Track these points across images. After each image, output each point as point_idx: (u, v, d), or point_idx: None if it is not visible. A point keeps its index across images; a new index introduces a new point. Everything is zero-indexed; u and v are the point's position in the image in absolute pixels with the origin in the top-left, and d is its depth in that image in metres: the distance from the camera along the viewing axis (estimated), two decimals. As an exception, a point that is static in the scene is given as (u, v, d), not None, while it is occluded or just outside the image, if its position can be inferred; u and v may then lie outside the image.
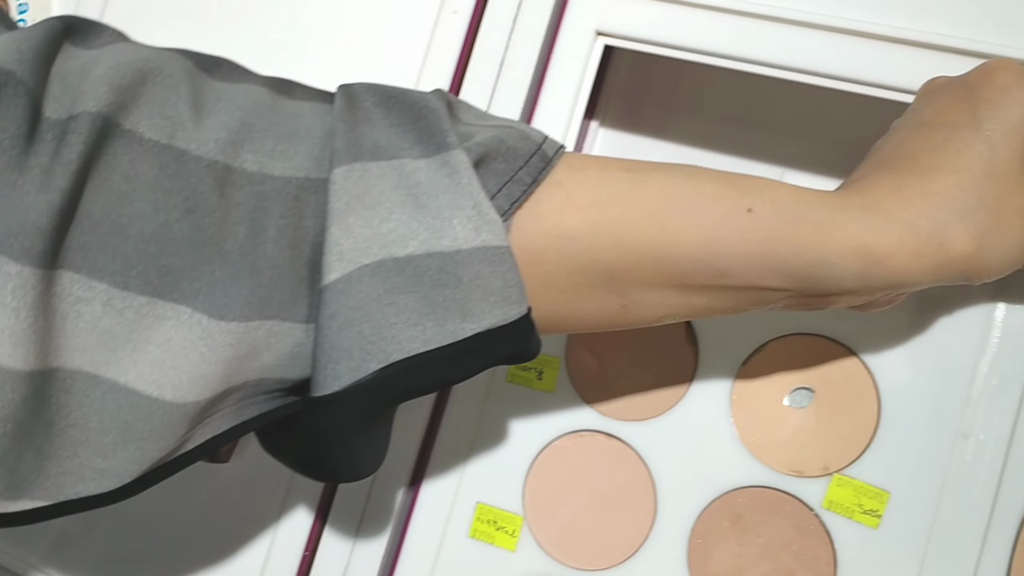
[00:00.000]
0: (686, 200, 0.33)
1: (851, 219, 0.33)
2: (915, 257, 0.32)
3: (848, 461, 0.43)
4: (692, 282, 0.34)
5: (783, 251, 0.32)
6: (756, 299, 0.34)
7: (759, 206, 0.33)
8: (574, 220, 0.33)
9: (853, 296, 0.34)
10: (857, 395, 0.43)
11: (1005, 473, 0.41)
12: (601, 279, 0.34)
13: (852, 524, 0.42)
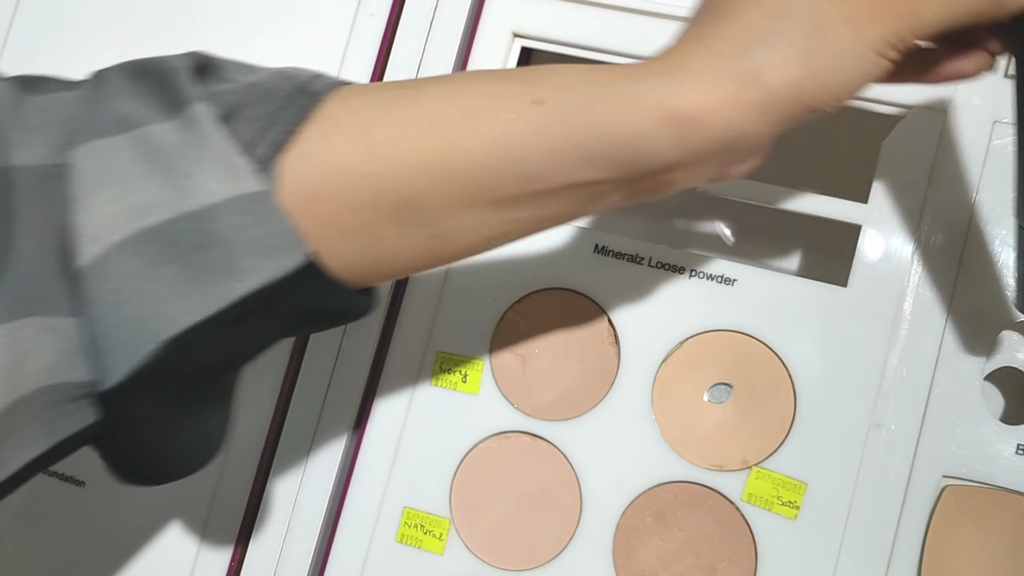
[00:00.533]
0: (467, 105, 0.31)
1: (652, 86, 0.30)
2: (732, 105, 0.30)
3: (766, 454, 0.43)
4: (500, 194, 0.31)
5: (586, 138, 0.30)
6: (581, 197, 0.32)
7: (549, 95, 0.30)
8: (346, 150, 0.30)
9: (688, 168, 0.32)
10: (774, 389, 0.44)
11: (916, 461, 0.42)
12: (397, 210, 0.31)
13: (771, 516, 0.43)
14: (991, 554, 0.41)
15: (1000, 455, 0.41)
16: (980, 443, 0.42)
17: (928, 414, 0.42)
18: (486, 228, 0.32)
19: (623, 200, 0.33)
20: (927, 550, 0.41)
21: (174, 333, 0.28)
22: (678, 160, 0.31)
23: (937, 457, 0.42)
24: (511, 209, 0.32)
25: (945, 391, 0.42)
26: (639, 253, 0.46)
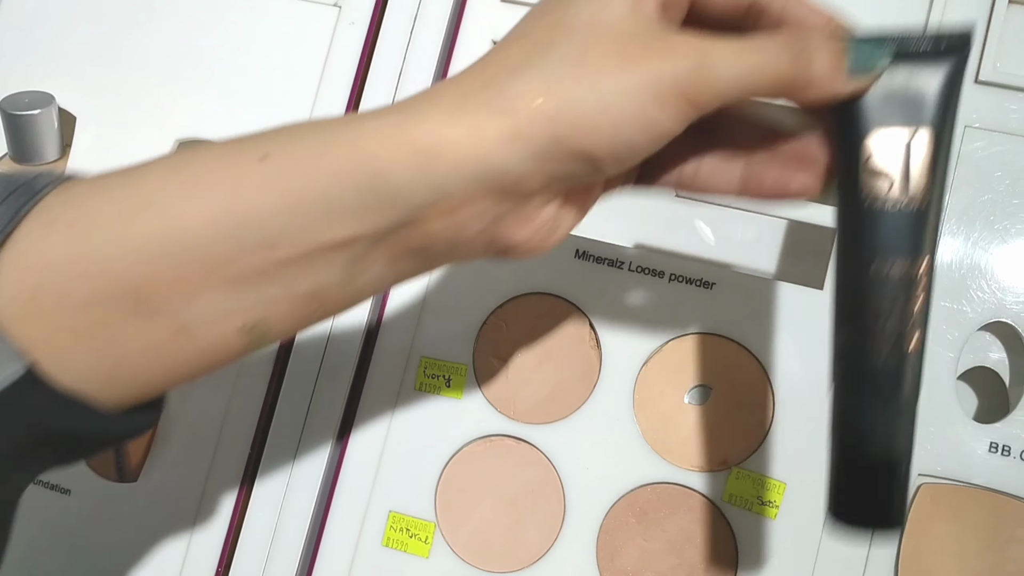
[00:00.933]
0: (190, 175, 0.28)
1: (389, 120, 0.28)
2: (477, 135, 0.27)
3: (746, 455, 0.44)
4: (240, 269, 0.27)
5: (322, 186, 0.27)
6: (338, 264, 0.29)
7: (274, 148, 0.28)
8: (62, 242, 0.27)
9: (449, 215, 0.29)
10: (752, 391, 0.45)
11: (892, 460, 0.43)
12: (127, 303, 0.27)
13: (752, 516, 0.44)
14: (966, 550, 0.42)
15: (974, 453, 0.42)
16: (954, 442, 0.42)
17: (903, 413, 0.43)
18: (236, 314, 0.28)
19: (393, 266, 0.30)
20: (904, 547, 0.42)
21: None
22: (427, 199, 0.28)
23: (913, 456, 0.43)
24: (259, 286, 0.28)
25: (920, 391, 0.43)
26: (619, 258, 0.47)
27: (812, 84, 0.30)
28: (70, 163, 0.52)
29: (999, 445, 0.42)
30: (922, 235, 0.31)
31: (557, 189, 0.30)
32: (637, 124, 0.28)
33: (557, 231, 0.32)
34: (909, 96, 0.31)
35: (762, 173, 0.33)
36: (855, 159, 0.31)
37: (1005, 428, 0.42)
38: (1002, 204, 0.43)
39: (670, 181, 0.35)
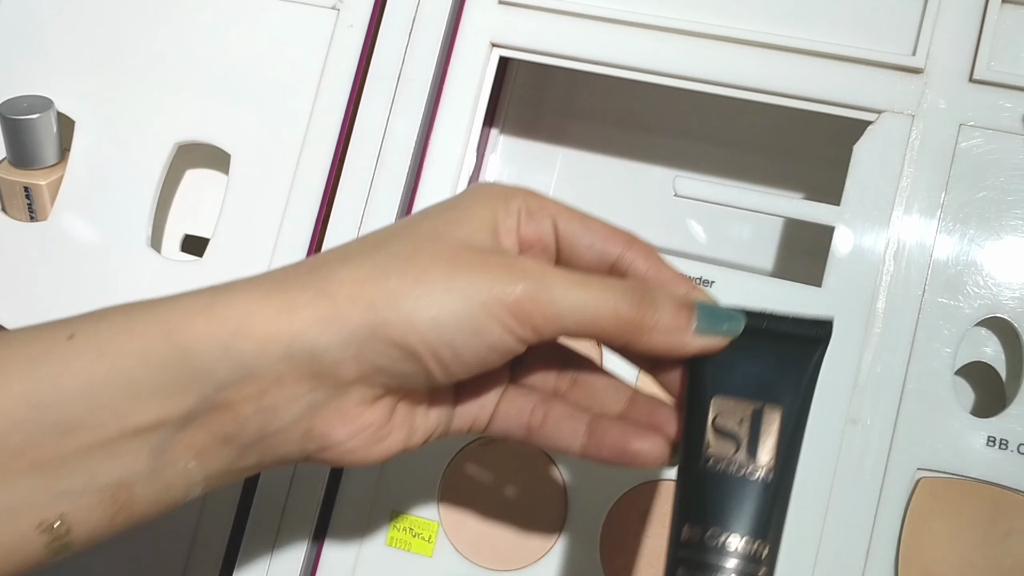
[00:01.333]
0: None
1: (199, 298, 0.28)
2: (288, 313, 0.27)
3: (747, 451, 0.45)
4: (41, 456, 0.26)
5: (124, 364, 0.27)
6: (144, 451, 0.27)
7: (81, 327, 0.27)
8: None
9: (259, 397, 0.28)
10: (753, 388, 0.45)
11: (891, 455, 0.43)
12: None
13: (753, 511, 0.44)
14: (965, 543, 0.42)
15: (972, 447, 0.43)
16: (952, 436, 0.43)
17: (902, 409, 0.43)
18: (35, 508, 0.26)
19: (202, 459, 0.29)
20: (904, 541, 0.43)
21: None
22: (233, 378, 0.27)
23: (912, 451, 0.43)
24: (59, 476, 0.26)
25: (918, 387, 0.43)
26: (619, 257, 0.47)
27: (655, 331, 0.30)
28: (69, 167, 0.52)
29: (996, 439, 0.43)
30: (765, 513, 0.30)
31: (380, 386, 0.29)
32: (462, 329, 0.28)
33: (385, 441, 0.31)
34: (762, 373, 0.31)
35: (603, 433, 0.33)
36: (701, 416, 0.31)
37: (1002, 422, 0.43)
38: (997, 201, 0.44)
39: (518, 429, 0.34)
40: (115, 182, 0.52)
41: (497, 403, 0.34)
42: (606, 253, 0.33)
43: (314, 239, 0.49)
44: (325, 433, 0.29)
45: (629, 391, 0.35)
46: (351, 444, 0.30)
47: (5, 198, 0.53)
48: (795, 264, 0.53)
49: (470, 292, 0.28)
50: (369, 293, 0.28)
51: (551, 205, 0.33)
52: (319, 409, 0.29)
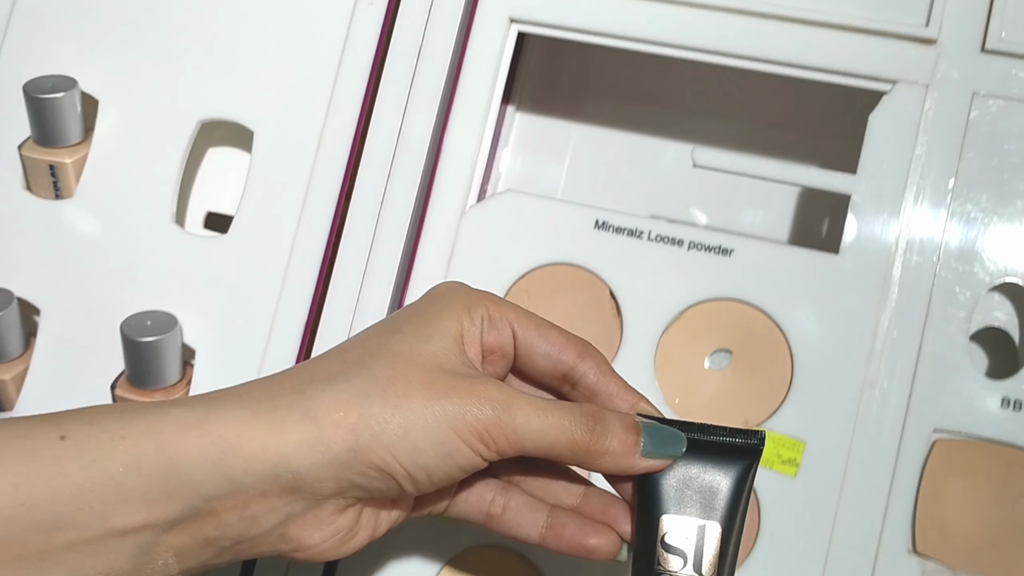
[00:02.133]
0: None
1: (193, 410, 0.29)
2: (276, 435, 0.29)
3: (766, 415, 0.46)
4: (27, 550, 0.27)
5: (114, 469, 0.28)
6: (127, 551, 0.29)
7: (73, 429, 0.28)
8: None
9: (241, 509, 0.30)
10: (771, 354, 0.46)
11: (908, 417, 0.44)
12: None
13: (772, 474, 0.45)
14: (980, 502, 0.43)
15: (987, 409, 0.44)
16: (967, 398, 0.44)
17: (918, 373, 0.44)
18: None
19: (182, 556, 0.30)
20: (920, 501, 0.44)
21: None
22: (220, 492, 0.29)
23: (927, 413, 0.44)
24: (42, 569, 0.28)
25: (933, 350, 0.44)
26: (638, 228, 0.48)
27: (606, 455, 0.33)
28: (93, 145, 0.53)
29: (1011, 400, 0.44)
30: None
31: (353, 498, 0.32)
32: (436, 452, 0.31)
33: (352, 540, 0.33)
34: (703, 488, 0.35)
35: (562, 526, 0.35)
36: (652, 533, 0.34)
37: (1016, 384, 0.44)
38: (1010, 168, 0.45)
39: (477, 515, 0.37)
40: (139, 160, 0.53)
41: (455, 494, 0.37)
42: (560, 362, 0.36)
43: (337, 213, 0.50)
44: (299, 537, 0.32)
45: (583, 486, 0.37)
46: (322, 547, 0.32)
47: (31, 176, 0.54)
48: (813, 232, 0.54)
49: (444, 419, 0.31)
50: (352, 420, 0.30)
51: (511, 312, 0.36)
52: (296, 517, 0.31)
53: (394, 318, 0.35)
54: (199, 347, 0.51)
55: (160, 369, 0.49)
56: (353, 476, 0.30)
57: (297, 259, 0.50)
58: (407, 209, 0.49)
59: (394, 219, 0.49)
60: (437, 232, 0.50)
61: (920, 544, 0.43)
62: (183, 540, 0.30)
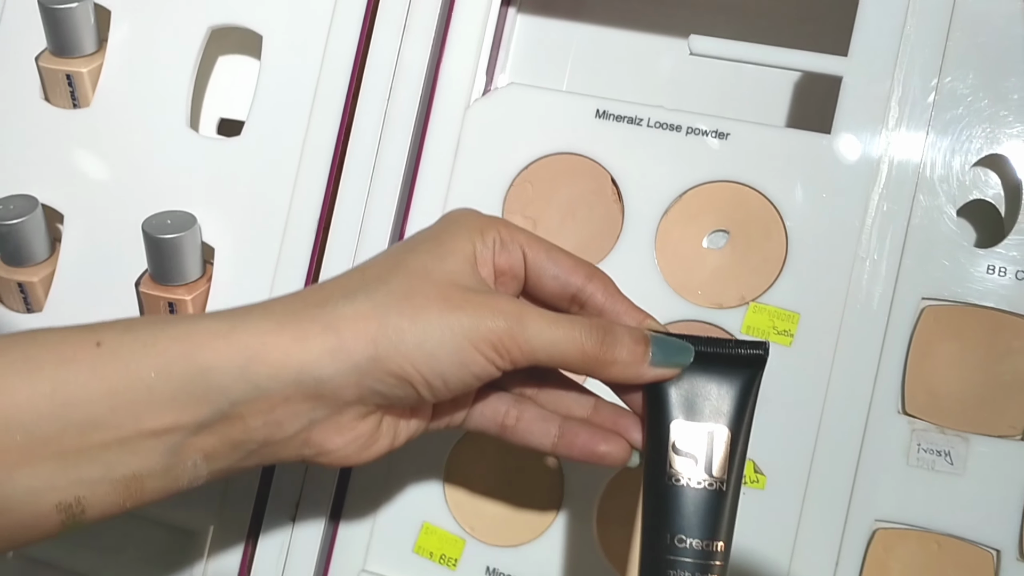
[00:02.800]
0: (21, 354, 0.30)
1: (219, 321, 0.31)
2: (299, 344, 0.31)
3: (762, 290, 0.48)
4: (64, 448, 0.29)
5: (146, 375, 0.30)
6: (157, 450, 0.31)
7: (108, 336, 0.30)
8: None
9: (266, 413, 0.31)
10: (767, 232, 0.48)
11: (897, 286, 0.46)
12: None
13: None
14: (967, 364, 0.46)
15: (973, 276, 0.46)
16: (954, 267, 0.46)
17: (907, 244, 0.46)
18: (55, 491, 0.30)
19: (210, 459, 0.32)
20: (909, 365, 0.46)
21: None
22: (247, 396, 0.31)
23: (916, 282, 0.46)
24: (79, 466, 0.30)
25: (922, 223, 0.46)
26: (637, 115, 0.49)
27: (615, 364, 0.35)
28: (108, 54, 0.55)
29: (996, 267, 0.45)
30: (720, 517, 0.35)
31: (374, 404, 0.33)
32: (452, 361, 0.32)
33: (373, 447, 0.35)
34: (711, 395, 0.36)
35: (573, 435, 0.37)
36: (662, 439, 0.36)
37: (1001, 251, 0.46)
38: (996, 45, 0.46)
39: (493, 426, 0.39)
40: (152, 68, 0.55)
41: (472, 406, 0.39)
42: (568, 284, 0.37)
43: (345, 112, 0.52)
44: (322, 442, 0.34)
45: (593, 399, 0.39)
46: (344, 451, 0.34)
47: (48, 87, 0.56)
48: (805, 114, 0.55)
49: (460, 330, 0.32)
50: (371, 330, 0.31)
51: (521, 236, 0.37)
52: (318, 423, 0.33)
53: (409, 240, 0.37)
54: (218, 245, 0.53)
55: (181, 265, 0.51)
56: (373, 383, 0.32)
57: (308, 157, 0.52)
58: (413, 105, 0.51)
59: (400, 115, 0.51)
60: (442, 126, 0.51)
61: (909, 405, 0.46)
62: (211, 443, 0.32)
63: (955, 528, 0.45)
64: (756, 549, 0.47)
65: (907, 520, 0.46)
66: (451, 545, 0.50)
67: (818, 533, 0.46)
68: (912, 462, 0.46)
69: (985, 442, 0.45)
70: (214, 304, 0.52)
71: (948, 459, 0.45)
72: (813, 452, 0.46)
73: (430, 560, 0.50)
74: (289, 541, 0.51)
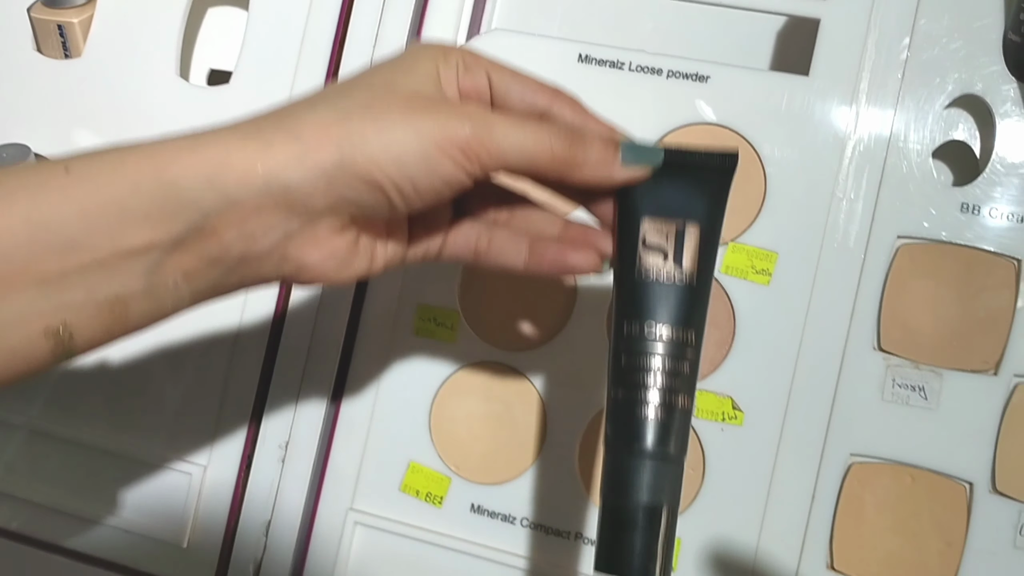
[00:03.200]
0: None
1: (184, 138, 0.31)
2: (265, 151, 0.31)
3: (741, 230, 0.48)
4: (45, 272, 0.30)
5: (117, 193, 0.30)
6: (136, 270, 0.31)
7: (78, 162, 0.30)
8: None
9: (240, 224, 0.31)
10: (746, 173, 0.48)
11: (873, 226, 0.47)
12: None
13: (747, 284, 0.48)
14: (941, 301, 0.46)
15: (947, 214, 0.46)
16: (929, 205, 0.47)
17: (883, 184, 0.47)
18: (42, 316, 0.30)
19: (190, 278, 0.32)
20: (885, 302, 0.47)
21: None
22: (217, 207, 0.31)
23: (891, 220, 0.47)
24: (62, 289, 0.30)
25: (898, 162, 0.47)
26: (619, 59, 0.50)
27: (585, 166, 0.35)
28: (98, 5, 0.56)
29: (969, 205, 0.46)
30: (690, 308, 0.36)
31: (347, 216, 0.33)
32: (420, 166, 0.32)
33: (351, 266, 0.35)
34: (681, 196, 0.36)
35: (544, 250, 0.38)
36: (633, 236, 0.36)
37: (974, 190, 0.46)
38: (971, -13, 0.47)
39: (467, 253, 0.39)
40: (142, 18, 0.56)
41: (446, 234, 0.39)
42: (535, 104, 0.37)
43: (332, 60, 0.52)
44: (300, 257, 0.33)
45: (562, 219, 0.39)
46: (322, 268, 0.34)
47: (40, 38, 0.57)
48: (783, 57, 0.55)
49: (425, 133, 0.32)
50: (334, 135, 0.31)
51: (485, 61, 0.37)
52: (293, 236, 0.33)
53: (371, 67, 0.36)
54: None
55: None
56: (343, 190, 0.32)
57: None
58: (399, 49, 0.51)
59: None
60: (428, 73, 0.52)
61: (885, 341, 0.47)
62: (189, 260, 0.32)
63: (929, 461, 0.46)
64: (734, 484, 0.48)
65: (882, 454, 0.47)
66: (437, 483, 0.51)
67: (795, 468, 0.47)
68: (887, 397, 0.46)
69: (958, 377, 0.46)
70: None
71: (922, 394, 0.46)
72: (790, 389, 0.47)
73: (416, 498, 0.51)
74: (279, 482, 0.52)
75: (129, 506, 0.54)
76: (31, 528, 0.55)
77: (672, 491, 0.35)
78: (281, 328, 0.53)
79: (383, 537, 0.51)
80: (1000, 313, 0.46)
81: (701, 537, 0.48)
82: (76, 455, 0.55)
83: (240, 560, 0.52)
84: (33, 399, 0.55)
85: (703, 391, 0.48)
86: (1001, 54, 0.46)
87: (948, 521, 0.46)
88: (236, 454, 0.53)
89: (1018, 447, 0.45)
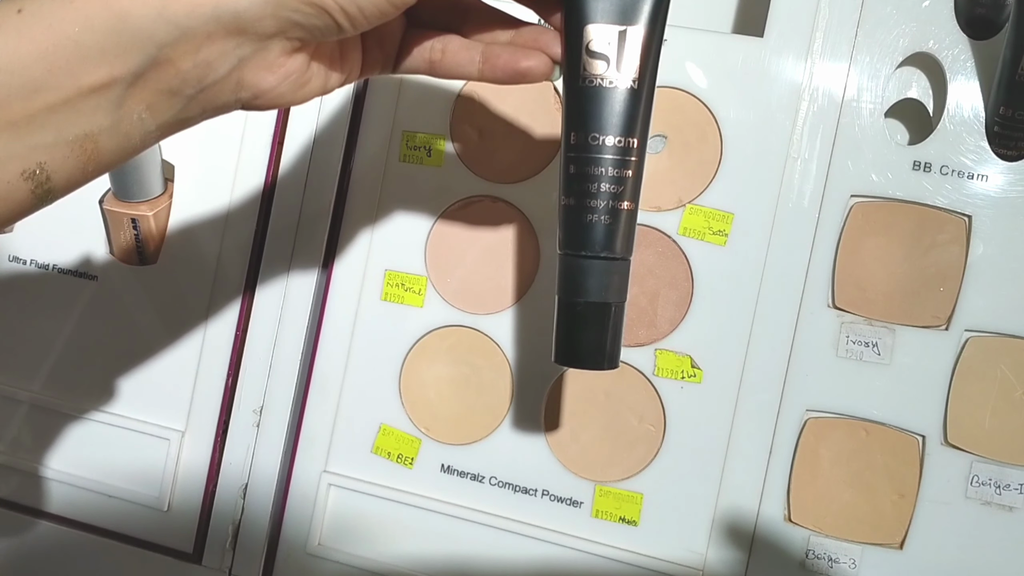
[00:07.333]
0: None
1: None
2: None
3: (698, 192, 0.49)
4: (13, 115, 0.31)
5: (72, 30, 0.31)
6: (102, 107, 0.32)
7: (30, 3, 0.31)
8: None
9: (193, 53, 0.32)
10: (702, 135, 0.49)
11: (827, 185, 0.48)
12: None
13: (704, 244, 0.49)
14: (894, 256, 0.47)
15: (899, 172, 0.47)
16: (881, 164, 0.47)
17: (837, 143, 0.47)
18: (17, 159, 0.31)
19: (154, 110, 0.33)
20: (839, 260, 0.48)
21: None
22: (170, 38, 0.31)
23: (845, 179, 0.47)
24: (32, 132, 0.31)
25: (851, 122, 0.47)
26: (577, 24, 0.50)
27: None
28: None
29: (921, 163, 0.47)
30: (634, 113, 0.37)
31: (296, 38, 0.34)
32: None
33: (306, 86, 0.36)
34: (624, 2, 0.36)
35: (496, 56, 0.38)
36: (578, 42, 0.37)
37: (927, 148, 0.47)
38: (924, -55, 0.47)
39: (422, 64, 0.39)
40: None
41: (400, 48, 0.40)
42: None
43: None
44: (255, 82, 0.34)
45: (515, 23, 0.40)
46: (278, 90, 0.35)
47: None
48: (738, 19, 0.56)
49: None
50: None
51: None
52: (247, 62, 0.33)
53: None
54: (177, 163, 0.55)
55: (142, 182, 0.53)
56: (290, 13, 0.32)
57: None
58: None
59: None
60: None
61: (839, 299, 0.48)
62: (149, 93, 0.33)
63: (882, 415, 0.47)
64: (694, 440, 0.49)
65: (837, 409, 0.48)
66: (408, 445, 0.53)
67: (752, 424, 0.48)
68: (841, 353, 0.47)
69: (910, 332, 0.47)
70: (176, 218, 0.54)
71: (875, 350, 0.47)
72: (747, 347, 0.48)
73: (388, 460, 0.53)
74: (254, 445, 0.54)
75: (112, 472, 0.56)
76: (18, 495, 0.57)
77: (619, 288, 0.38)
78: (253, 294, 0.54)
79: (357, 498, 0.53)
80: (951, 269, 0.47)
81: (662, 492, 0.49)
82: (61, 422, 0.56)
83: (219, 522, 0.54)
84: (33, 376, 0.57)
85: (663, 350, 0.49)
86: (953, 12, 0.47)
87: (901, 473, 0.47)
88: (212, 420, 0.54)
89: (969, 400, 0.46)
